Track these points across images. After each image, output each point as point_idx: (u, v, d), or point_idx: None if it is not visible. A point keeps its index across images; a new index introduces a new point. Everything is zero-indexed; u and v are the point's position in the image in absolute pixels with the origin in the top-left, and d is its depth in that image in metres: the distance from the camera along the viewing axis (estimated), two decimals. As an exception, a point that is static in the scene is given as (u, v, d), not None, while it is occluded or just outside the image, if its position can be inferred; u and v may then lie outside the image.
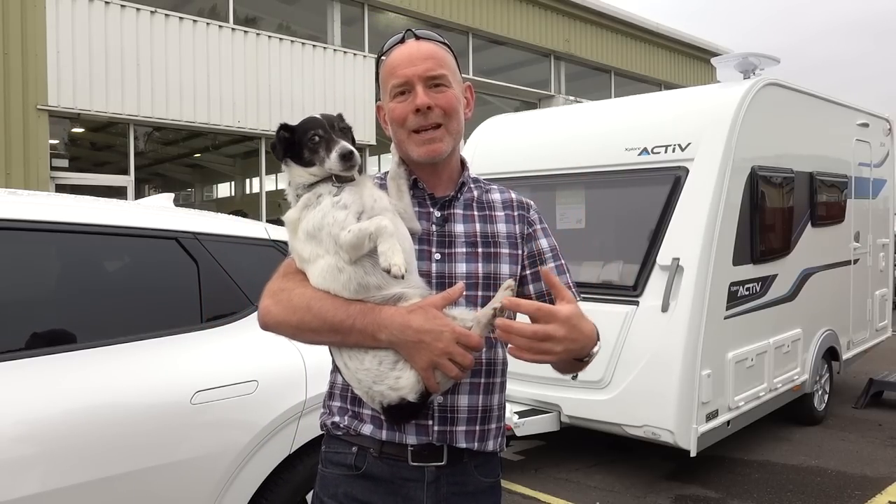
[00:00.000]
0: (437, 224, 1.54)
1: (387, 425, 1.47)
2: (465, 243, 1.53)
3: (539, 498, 4.53)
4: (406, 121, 1.50)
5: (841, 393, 6.71)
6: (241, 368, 2.60)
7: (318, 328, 1.42)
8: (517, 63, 16.13)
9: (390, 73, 1.52)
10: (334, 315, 1.39)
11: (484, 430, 1.53)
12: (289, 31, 12.46)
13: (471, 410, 1.50)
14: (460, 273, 1.50)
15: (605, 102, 6.89)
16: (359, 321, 1.38)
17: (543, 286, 1.56)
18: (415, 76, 1.48)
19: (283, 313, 1.44)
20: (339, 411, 1.54)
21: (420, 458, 1.47)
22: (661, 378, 4.36)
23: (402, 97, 1.50)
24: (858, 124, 6.60)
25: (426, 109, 1.48)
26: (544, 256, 1.62)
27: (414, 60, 1.49)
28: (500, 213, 1.61)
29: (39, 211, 2.45)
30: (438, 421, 1.48)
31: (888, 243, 7.40)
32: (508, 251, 1.57)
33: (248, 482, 2.56)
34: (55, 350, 2.27)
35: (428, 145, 1.50)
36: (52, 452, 2.13)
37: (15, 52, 9.13)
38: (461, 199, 1.59)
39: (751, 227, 4.87)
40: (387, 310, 1.39)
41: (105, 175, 10.99)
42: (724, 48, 18.84)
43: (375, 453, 1.48)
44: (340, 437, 1.53)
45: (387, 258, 1.33)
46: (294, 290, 1.44)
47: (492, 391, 1.54)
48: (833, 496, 4.52)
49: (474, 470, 1.53)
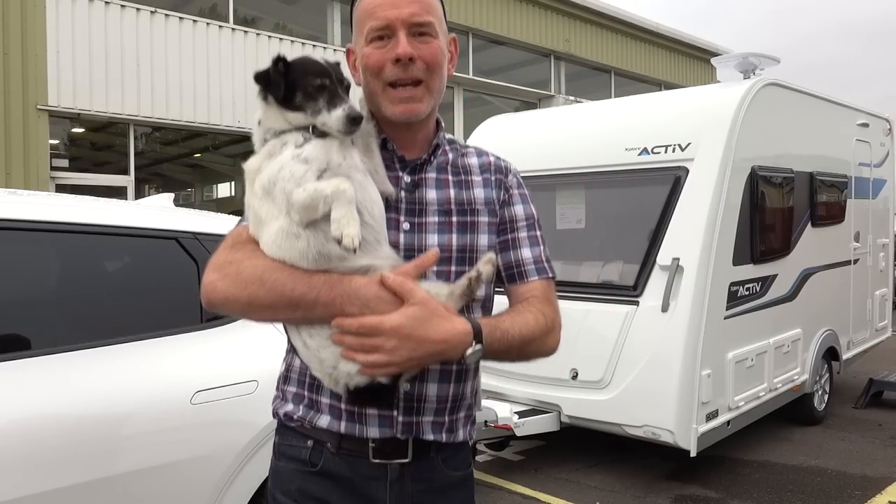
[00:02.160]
0: (406, 190, 1.37)
1: (346, 417, 1.33)
2: (437, 212, 1.37)
3: (539, 498, 4.53)
4: (383, 70, 1.32)
5: (841, 393, 6.70)
6: (241, 368, 2.60)
7: (273, 303, 1.24)
8: (517, 63, 16.11)
9: (368, 12, 1.34)
10: (293, 288, 1.23)
11: (453, 420, 1.40)
12: (288, 31, 12.45)
13: (440, 400, 1.36)
14: (431, 244, 1.35)
15: (605, 102, 6.90)
16: (324, 294, 1.22)
17: (511, 258, 1.42)
18: (398, 20, 1.31)
19: (231, 288, 1.27)
20: (295, 398, 1.40)
21: (382, 454, 1.34)
22: (661, 378, 4.36)
23: (381, 42, 1.32)
24: (858, 124, 6.60)
25: (408, 61, 1.31)
26: (517, 224, 1.44)
27: (398, 2, 1.32)
28: (478, 177, 1.44)
29: (39, 211, 2.45)
30: (403, 411, 1.33)
31: (888, 243, 7.40)
32: (487, 220, 1.41)
33: (248, 482, 2.56)
34: (55, 350, 2.27)
35: (405, 104, 1.34)
36: (52, 452, 2.13)
37: (15, 52, 9.13)
38: (434, 162, 1.42)
39: (751, 227, 4.87)
40: (357, 279, 1.23)
41: (105, 175, 10.97)
42: (724, 48, 18.84)
43: (333, 448, 1.34)
44: (294, 428, 1.39)
45: (339, 226, 1.19)
46: (243, 262, 1.27)
47: (465, 378, 1.40)
48: (833, 496, 4.52)
49: (442, 464, 1.40)
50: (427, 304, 1.21)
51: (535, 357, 1.40)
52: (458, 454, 1.44)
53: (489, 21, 14.71)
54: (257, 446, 2.56)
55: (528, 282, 1.42)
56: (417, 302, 1.21)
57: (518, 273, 1.43)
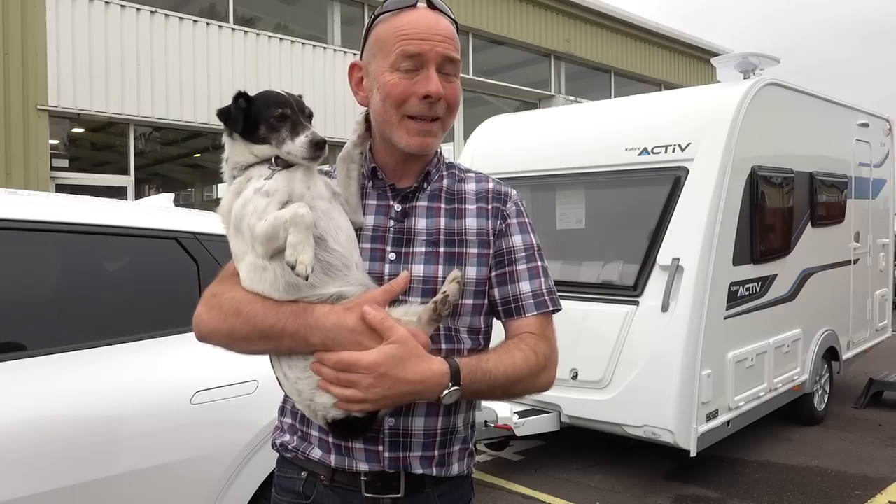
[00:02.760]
0: (395, 219, 1.34)
1: (335, 450, 1.30)
2: (425, 241, 1.33)
3: (539, 498, 4.53)
4: (406, 103, 1.28)
5: (841, 393, 6.70)
6: (241, 368, 2.58)
7: (248, 335, 1.24)
8: (517, 63, 16.12)
9: (401, 36, 1.27)
10: (263, 319, 1.22)
11: (445, 455, 1.34)
12: (288, 31, 12.46)
13: (427, 434, 1.31)
14: (417, 276, 1.30)
15: (605, 102, 6.89)
16: (290, 324, 1.20)
17: (509, 292, 1.35)
18: (432, 53, 1.27)
19: (214, 321, 1.28)
20: (290, 429, 1.39)
21: (374, 489, 1.29)
22: (661, 378, 4.36)
23: (409, 74, 1.27)
24: (858, 124, 6.60)
25: (436, 99, 1.28)
26: (515, 256, 1.36)
27: (432, 35, 1.27)
28: (472, 206, 1.38)
29: (39, 211, 2.45)
30: (389, 446, 1.29)
31: (888, 243, 7.40)
32: (477, 251, 1.34)
33: (249, 482, 2.56)
34: (55, 350, 2.27)
35: (422, 137, 1.30)
36: (52, 452, 2.13)
37: (15, 52, 9.13)
38: (427, 189, 1.37)
39: (751, 227, 4.87)
40: (319, 308, 1.21)
41: (105, 175, 10.97)
42: (724, 48, 18.84)
43: (326, 481, 1.31)
44: (290, 459, 1.38)
45: (294, 252, 1.16)
46: (224, 294, 1.28)
47: (456, 410, 1.34)
48: (833, 496, 4.52)
49: (437, 500, 1.34)
50: (406, 344, 1.18)
51: (524, 395, 1.35)
52: (456, 490, 1.38)
53: (489, 21, 14.71)
54: (257, 446, 2.56)
55: (525, 317, 1.35)
56: (397, 340, 1.17)
57: (515, 308, 1.35)
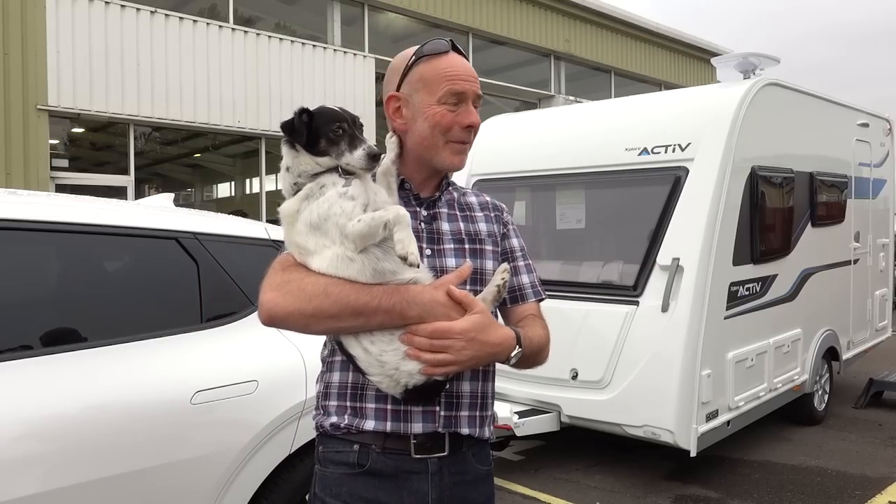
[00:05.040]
0: (425, 222, 1.62)
1: (392, 417, 1.50)
2: (452, 240, 1.62)
3: (539, 498, 4.54)
4: (451, 130, 1.57)
5: (841, 393, 6.71)
6: (241, 368, 2.60)
7: (338, 313, 1.42)
8: (517, 63, 16.12)
9: (447, 77, 1.56)
10: (357, 298, 1.41)
11: (483, 417, 1.61)
12: (289, 31, 12.46)
13: (472, 396, 1.57)
14: (450, 267, 1.56)
15: (605, 102, 6.89)
16: (385, 301, 1.41)
17: (514, 282, 1.69)
18: (471, 92, 1.58)
19: (295, 303, 1.43)
20: (338, 410, 1.56)
21: (423, 449, 1.52)
22: (661, 378, 4.36)
23: (454, 107, 1.56)
24: (858, 124, 6.60)
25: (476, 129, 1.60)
26: (515, 254, 1.73)
27: (469, 76, 1.58)
28: (479, 213, 1.71)
29: (39, 211, 2.45)
30: (445, 406, 1.53)
31: (888, 243, 7.40)
32: (491, 248, 1.66)
33: (248, 482, 2.56)
34: (55, 350, 2.27)
35: (461, 155, 1.61)
36: (51, 452, 2.13)
37: (15, 52, 9.13)
38: (444, 200, 1.67)
39: (751, 227, 4.87)
40: (413, 288, 1.44)
41: (105, 175, 10.98)
42: (724, 48, 18.84)
43: (378, 449, 1.51)
44: (339, 436, 1.55)
45: (404, 246, 1.39)
46: (303, 279, 1.44)
47: (487, 378, 1.62)
48: (833, 496, 4.53)
49: (472, 458, 1.60)
50: (486, 314, 1.45)
51: (538, 364, 1.64)
52: (483, 450, 1.65)
53: (489, 21, 14.71)
54: (257, 446, 2.56)
55: (527, 303, 1.70)
56: (480, 311, 1.44)
57: (520, 296, 1.70)
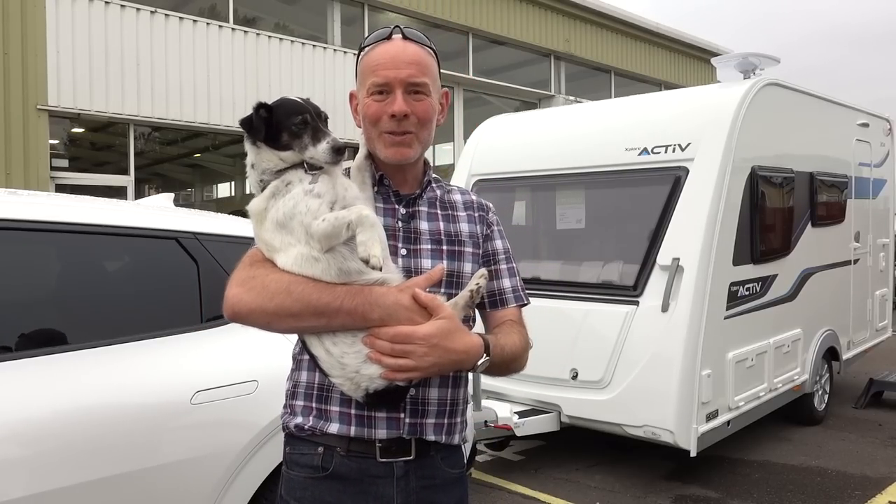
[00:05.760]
0: (402, 220, 1.55)
1: (356, 422, 1.45)
2: (429, 240, 1.55)
3: (539, 498, 4.53)
4: (380, 121, 1.50)
5: (841, 393, 6.71)
6: (241, 368, 2.60)
7: (299, 312, 1.37)
8: (517, 63, 16.11)
9: (371, 69, 1.51)
10: (319, 298, 1.35)
11: (451, 424, 1.55)
12: (288, 31, 12.45)
13: (440, 403, 1.52)
14: (426, 268, 1.50)
15: (605, 102, 6.89)
16: (347, 302, 1.35)
17: (494, 286, 1.62)
18: (396, 80, 1.48)
19: (258, 300, 1.38)
20: (304, 411, 1.51)
21: (388, 453, 1.47)
22: (661, 378, 4.36)
23: (380, 97, 1.49)
24: (858, 124, 6.60)
25: (402, 117, 1.48)
26: (498, 257, 1.65)
27: (398, 63, 1.48)
28: (462, 213, 1.63)
29: (39, 211, 2.45)
30: (410, 413, 1.48)
31: (888, 243, 7.40)
32: (471, 250, 1.59)
33: (248, 482, 2.56)
34: (55, 350, 2.27)
35: (396, 147, 1.51)
36: (51, 453, 2.13)
37: (15, 52, 9.13)
38: (425, 197, 1.60)
39: (751, 227, 4.87)
40: (377, 289, 1.38)
41: (105, 175, 10.97)
42: (724, 48, 18.84)
43: (343, 452, 1.46)
44: (305, 437, 1.51)
45: (366, 248, 1.32)
46: (268, 276, 1.39)
47: (458, 384, 1.57)
48: (833, 496, 4.52)
49: (441, 462, 1.55)
50: (453, 319, 1.39)
51: (512, 373, 1.58)
52: (453, 455, 1.59)
53: (489, 21, 14.71)
54: (257, 446, 2.56)
55: (507, 308, 1.63)
56: (445, 316, 1.38)
57: (500, 300, 1.63)
